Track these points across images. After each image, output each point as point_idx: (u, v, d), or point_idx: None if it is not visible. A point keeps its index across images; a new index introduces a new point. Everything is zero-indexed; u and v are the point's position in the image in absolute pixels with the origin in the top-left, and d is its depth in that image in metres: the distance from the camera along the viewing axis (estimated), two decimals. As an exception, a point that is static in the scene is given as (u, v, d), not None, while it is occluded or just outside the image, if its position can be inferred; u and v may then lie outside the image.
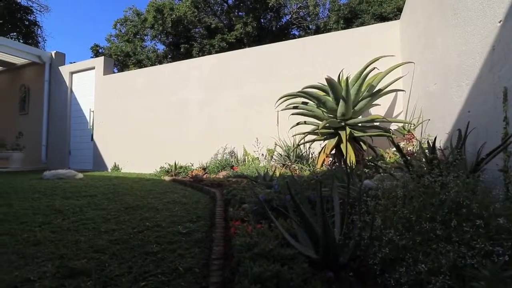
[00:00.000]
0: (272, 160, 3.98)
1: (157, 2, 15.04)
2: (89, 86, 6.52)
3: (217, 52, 14.98)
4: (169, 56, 16.93)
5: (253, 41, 16.92)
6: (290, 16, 18.11)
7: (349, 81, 2.98)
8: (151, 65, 15.32)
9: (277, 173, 3.12)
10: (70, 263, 1.06)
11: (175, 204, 2.23)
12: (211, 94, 5.06)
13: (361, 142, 3.08)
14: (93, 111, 6.36)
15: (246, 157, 4.54)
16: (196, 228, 1.56)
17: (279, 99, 3.28)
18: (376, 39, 3.90)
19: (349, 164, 2.66)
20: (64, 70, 6.94)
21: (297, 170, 3.43)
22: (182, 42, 16.52)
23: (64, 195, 2.59)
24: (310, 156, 3.85)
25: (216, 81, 5.05)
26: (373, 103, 3.22)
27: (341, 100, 2.84)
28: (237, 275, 0.91)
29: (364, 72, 2.91)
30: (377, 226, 0.95)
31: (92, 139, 6.26)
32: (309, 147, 3.86)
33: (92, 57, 16.25)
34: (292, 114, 3.26)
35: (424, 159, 1.47)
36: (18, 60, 7.33)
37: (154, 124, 5.56)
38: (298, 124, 3.43)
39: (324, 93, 3.18)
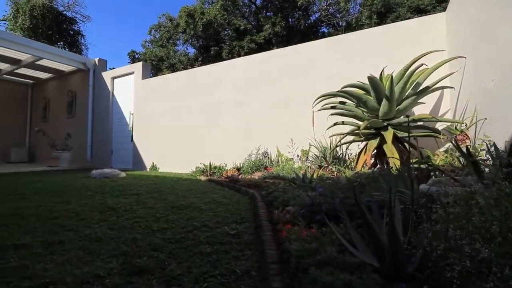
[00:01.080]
0: (308, 161, 3.91)
1: (189, 7, 15.53)
2: (129, 90, 6.91)
3: (246, 53, 15.14)
4: (200, 58, 17.38)
5: (281, 41, 16.83)
6: (319, 13, 17.73)
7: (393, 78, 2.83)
8: (183, 68, 15.87)
9: (315, 175, 3.05)
10: (133, 260, 1.11)
11: (217, 204, 2.27)
12: (244, 95, 5.11)
13: (405, 143, 2.92)
14: (132, 114, 6.72)
15: (279, 158, 4.51)
16: (243, 230, 1.56)
17: (317, 99, 3.21)
18: (419, 34, 3.67)
19: (393, 166, 2.53)
20: (106, 75, 7.41)
21: (335, 172, 3.33)
22: (212, 45, 16.89)
23: (113, 193, 2.75)
24: (348, 157, 3.72)
25: (249, 82, 5.09)
26: (417, 101, 3.03)
27: (384, 99, 2.71)
28: (296, 281, 0.90)
29: (410, 69, 2.75)
30: (450, 236, 0.88)
31: (132, 140, 6.61)
32: (346, 148, 3.73)
33: (129, 62, 17.22)
34: (332, 114, 3.18)
35: (494, 162, 1.33)
36: (66, 68, 7.97)
37: (189, 126, 5.74)
38: (335, 124, 3.34)
39: (364, 92, 3.06)
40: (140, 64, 6.82)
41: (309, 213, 1.50)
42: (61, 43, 14.74)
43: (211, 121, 5.46)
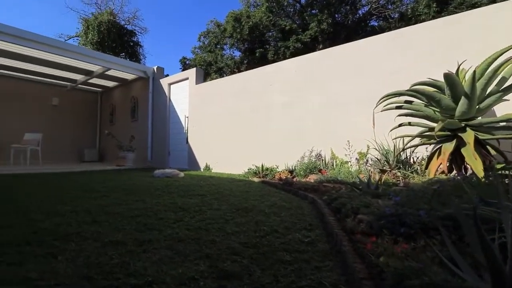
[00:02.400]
0: (367, 164, 3.70)
1: (235, 11, 15.95)
2: (184, 95, 7.34)
3: (291, 53, 15.01)
4: (245, 61, 17.72)
5: (328, 38, 16.32)
6: (369, 6, 16.77)
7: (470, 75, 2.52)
8: (230, 71, 16.36)
9: (376, 179, 2.86)
10: (218, 264, 1.15)
11: (279, 208, 2.26)
12: (295, 96, 5.05)
13: (487, 146, 2.58)
14: (187, 117, 7.12)
15: (334, 161, 4.35)
16: (316, 238, 1.52)
17: (381, 99, 3.01)
18: (502, 22, 3.21)
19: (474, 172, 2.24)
20: (164, 82, 7.99)
21: (400, 177, 3.09)
22: (257, 47, 17.09)
23: (179, 193, 2.94)
24: (413, 161, 3.43)
25: (299, 83, 5.02)
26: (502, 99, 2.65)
27: (462, 98, 2.42)
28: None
29: (495, 64, 2.41)
30: None
31: (187, 142, 7.02)
32: (412, 151, 3.44)
33: (180, 68, 18.34)
34: (399, 115, 2.95)
35: None
36: (129, 76, 8.78)
37: (240, 128, 5.88)
38: (400, 125, 3.09)
39: (436, 90, 2.78)
40: (193, 70, 7.20)
41: (390, 224, 1.40)
42: (123, 54, 16.31)
43: (261, 123, 5.51)
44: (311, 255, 1.27)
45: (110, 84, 9.74)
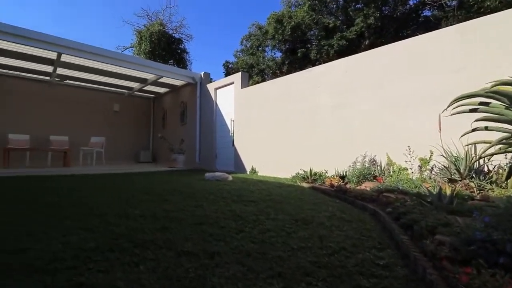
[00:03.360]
0: (432, 172, 3.37)
1: (277, 13, 15.92)
2: (229, 99, 7.53)
3: (336, 51, 14.48)
4: (286, 62, 17.58)
5: (374, 33, 15.41)
6: (422, -5, 15.41)
7: None
8: (272, 73, 16.37)
9: (447, 191, 2.58)
10: (293, 285, 1.12)
11: (340, 221, 2.16)
12: (344, 98, 4.83)
13: None
14: (233, 121, 7.29)
15: (390, 167, 4.06)
16: (390, 260, 1.41)
17: (453, 101, 2.71)
18: None
19: None
20: (210, 87, 8.29)
21: (475, 189, 2.75)
22: (298, 47, 16.84)
23: (232, 198, 2.99)
24: (490, 170, 3.02)
25: (349, 84, 4.79)
26: None
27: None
28: None
29: None
30: None
31: (233, 144, 7.18)
32: (489, 159, 3.04)
33: (223, 72, 18.90)
34: (477, 120, 2.63)
35: None
36: (179, 82, 9.29)
37: (286, 131, 5.82)
38: (475, 130, 2.75)
39: (521, 90, 2.41)
40: (239, 74, 7.34)
41: (483, 251, 1.23)
42: (171, 60, 17.34)
43: (308, 126, 5.39)
44: (391, 282, 1.17)
45: (162, 90, 10.43)
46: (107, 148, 8.91)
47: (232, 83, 7.49)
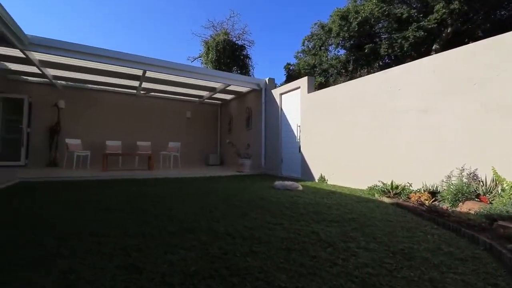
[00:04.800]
0: None
1: (341, 9, 15.13)
2: (295, 104, 7.41)
3: (411, 44, 13.04)
4: (351, 59, 16.58)
5: (459, 18, 13.34)
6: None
7: None
8: (337, 72, 15.63)
9: None
10: None
11: (449, 257, 1.84)
12: (433, 101, 4.22)
13: None
14: (299, 126, 7.14)
15: (498, 184, 3.37)
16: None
17: None
18: None
19: None
20: (275, 92, 8.30)
21: None
22: (365, 42, 15.72)
23: (311, 216, 2.87)
24: None
25: (439, 86, 4.16)
26: None
27: None
28: None
29: None
30: None
31: (299, 151, 7.04)
32: None
33: (285, 74, 18.85)
34: None
35: None
36: (244, 89, 9.57)
37: (358, 138, 5.41)
38: None
39: None
40: (305, 79, 7.15)
41: None
42: (235, 67, 18.08)
43: (385, 133, 4.89)
44: None
45: (228, 97, 10.91)
46: (181, 151, 9.72)
47: (298, 87, 7.35)
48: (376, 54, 15.74)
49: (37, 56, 6.62)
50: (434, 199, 3.66)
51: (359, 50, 15.92)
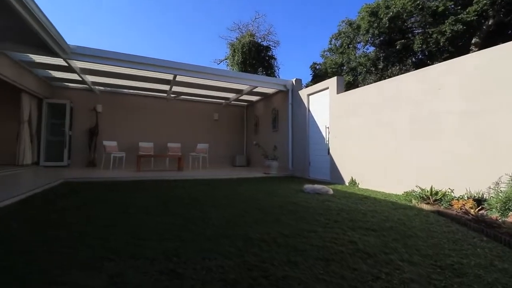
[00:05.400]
0: None
1: (370, 5, 14.58)
2: (323, 105, 7.25)
3: (447, 38, 12.25)
4: (381, 56, 15.91)
5: (500, 9, 12.28)
6: None
7: None
8: (366, 71, 15.10)
9: None
10: None
11: (504, 275, 1.68)
12: (479, 103, 3.91)
13: None
14: (328, 128, 6.98)
15: (558, 192, 3.04)
16: None
17: None
18: None
19: None
20: (303, 93, 8.18)
21: None
22: (397, 38, 15.02)
23: (346, 223, 2.78)
24: None
25: (488, 85, 3.84)
26: None
27: None
28: None
29: None
30: None
31: (328, 153, 6.87)
32: None
33: (311, 74, 18.54)
34: None
35: None
36: (271, 90, 9.55)
37: (393, 140, 5.16)
38: None
39: None
40: (334, 79, 6.97)
41: None
42: (261, 68, 18.11)
43: (423, 135, 4.61)
44: None
45: (254, 98, 10.95)
46: (209, 152, 9.92)
47: (327, 88, 7.18)
48: (408, 50, 14.96)
49: (78, 64, 7.11)
50: (480, 207, 3.38)
51: (389, 46, 15.22)
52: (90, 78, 8.42)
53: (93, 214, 3.04)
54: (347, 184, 6.10)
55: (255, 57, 17.33)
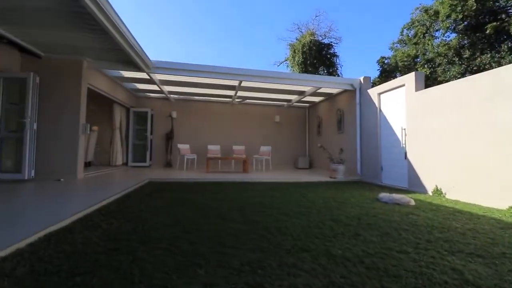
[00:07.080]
0: None
1: (453, -15, 12.73)
2: (398, 104, 6.59)
3: None
4: (466, 43, 13.77)
5: None
6: None
7: None
8: (447, 62, 13.28)
9: None
10: None
11: None
12: None
13: None
14: (404, 129, 6.31)
15: None
16: None
17: None
18: None
19: None
20: (372, 92, 7.58)
21: None
22: (486, 21, 12.85)
23: (441, 244, 2.43)
24: None
25: None
26: None
27: None
28: None
29: None
30: None
31: (405, 157, 6.21)
32: None
33: (378, 69, 17.15)
34: None
35: None
36: (335, 90, 9.14)
37: (491, 143, 4.36)
38: None
39: None
40: (412, 74, 6.27)
41: None
42: (322, 67, 17.52)
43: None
44: None
45: (317, 99, 10.64)
46: (272, 155, 10.01)
47: (403, 85, 6.50)
48: (502, 33, 12.62)
49: (157, 76, 7.97)
50: None
51: (476, 31, 13.05)
52: (167, 88, 9.37)
53: (179, 216, 3.32)
54: (430, 193, 5.41)
55: (316, 56, 16.86)
